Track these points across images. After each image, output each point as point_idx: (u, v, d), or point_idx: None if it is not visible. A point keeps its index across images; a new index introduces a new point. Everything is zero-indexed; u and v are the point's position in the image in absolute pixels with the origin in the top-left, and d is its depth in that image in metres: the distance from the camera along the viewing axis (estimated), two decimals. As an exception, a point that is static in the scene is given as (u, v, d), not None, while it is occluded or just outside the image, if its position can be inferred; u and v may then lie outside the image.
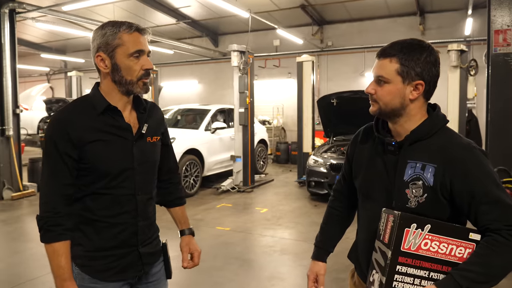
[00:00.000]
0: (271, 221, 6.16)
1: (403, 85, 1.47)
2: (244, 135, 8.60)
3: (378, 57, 1.53)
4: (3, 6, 7.70)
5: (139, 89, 1.64)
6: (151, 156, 1.78)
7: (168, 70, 16.04)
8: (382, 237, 1.45)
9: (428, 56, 1.47)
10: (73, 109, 1.64)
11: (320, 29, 13.11)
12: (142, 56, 1.62)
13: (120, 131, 1.65)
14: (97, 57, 1.61)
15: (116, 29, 1.58)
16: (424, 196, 1.44)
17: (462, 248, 1.40)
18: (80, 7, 9.26)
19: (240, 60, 8.38)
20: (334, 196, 1.92)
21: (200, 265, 2.09)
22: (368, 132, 1.68)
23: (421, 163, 1.46)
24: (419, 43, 1.50)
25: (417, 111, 1.52)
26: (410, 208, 1.45)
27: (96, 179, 1.62)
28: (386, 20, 12.14)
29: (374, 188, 1.59)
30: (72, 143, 1.56)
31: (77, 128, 1.57)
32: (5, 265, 4.36)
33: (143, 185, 1.73)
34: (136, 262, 1.74)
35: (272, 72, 14.14)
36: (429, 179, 1.43)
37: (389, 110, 1.50)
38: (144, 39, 1.63)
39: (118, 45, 1.58)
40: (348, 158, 1.78)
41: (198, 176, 8.07)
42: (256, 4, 11.58)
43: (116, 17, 12.57)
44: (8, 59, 7.76)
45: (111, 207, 1.65)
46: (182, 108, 10.05)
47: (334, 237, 1.88)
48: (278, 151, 12.92)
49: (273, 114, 13.98)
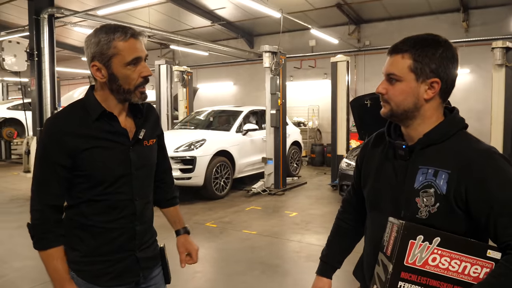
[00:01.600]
0: (300, 226, 6.00)
1: (417, 83, 1.32)
2: (275, 137, 8.48)
3: (390, 53, 1.38)
4: (43, 11, 7.92)
5: (137, 98, 1.59)
6: (149, 160, 1.74)
7: (204, 72, 16.15)
8: (385, 248, 1.29)
9: (444, 52, 1.32)
10: (68, 115, 1.60)
11: (357, 28, 12.77)
12: (139, 63, 1.56)
13: (116, 136, 1.60)
14: (93, 66, 1.55)
15: (110, 36, 1.51)
16: (436, 205, 1.28)
17: (478, 266, 1.22)
18: (114, 11, 9.46)
19: (272, 61, 8.27)
20: (343, 207, 1.77)
21: (222, 269, 2.04)
22: (381, 137, 1.53)
23: (433, 169, 1.30)
24: (434, 37, 1.34)
25: (433, 113, 1.36)
26: (421, 219, 1.29)
27: (93, 186, 1.58)
28: (427, 18, 11.65)
29: (383, 196, 1.44)
30: (65, 152, 1.52)
31: (72, 136, 1.53)
32: (37, 262, 4.45)
33: (141, 190, 1.69)
34: (134, 267, 1.69)
35: (308, 72, 13.92)
36: (441, 186, 1.27)
37: (402, 111, 1.35)
38: (140, 43, 1.56)
39: (114, 55, 1.52)
40: (358, 165, 1.62)
41: (229, 178, 8.01)
42: (291, 4, 11.44)
43: (152, 21, 12.80)
44: (47, 62, 7.98)
45: (108, 212, 1.61)
46: (215, 110, 10.05)
47: (342, 251, 1.72)
48: (313, 153, 12.71)
49: (308, 115, 13.76)
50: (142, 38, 1.57)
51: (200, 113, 10.22)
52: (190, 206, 7.18)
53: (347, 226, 1.72)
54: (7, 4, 12.60)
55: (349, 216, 1.72)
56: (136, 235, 1.68)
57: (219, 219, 6.34)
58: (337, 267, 1.72)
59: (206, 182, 7.46)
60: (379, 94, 1.39)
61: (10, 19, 14.03)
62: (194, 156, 7.33)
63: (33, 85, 7.99)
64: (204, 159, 7.46)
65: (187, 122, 9.96)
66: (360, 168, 1.59)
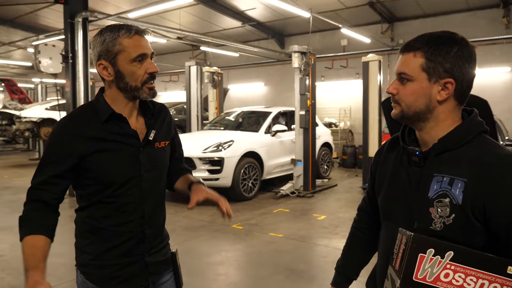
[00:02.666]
0: (328, 229, 5.88)
1: (429, 84, 1.23)
2: (305, 138, 8.37)
3: (402, 51, 1.29)
4: (77, 15, 8.12)
5: (145, 94, 1.58)
6: (160, 162, 1.71)
7: (235, 73, 16.18)
8: (394, 262, 1.20)
9: (460, 50, 1.21)
10: (78, 117, 1.60)
11: (390, 26, 12.46)
12: (145, 59, 1.55)
13: (125, 138, 1.59)
14: (99, 65, 1.56)
15: (115, 34, 1.52)
16: (451, 216, 1.18)
17: (497, 284, 1.10)
18: (145, 13, 9.59)
19: (301, 61, 8.17)
20: (358, 215, 1.68)
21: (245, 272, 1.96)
22: (396, 141, 1.43)
23: (449, 177, 1.20)
24: (450, 35, 1.24)
25: (447, 116, 1.26)
26: (435, 230, 1.20)
27: (102, 188, 1.57)
28: (464, 14, 11.22)
29: (396, 205, 1.35)
30: (71, 154, 1.52)
31: (81, 138, 1.53)
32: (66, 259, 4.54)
33: (151, 192, 1.66)
34: (142, 271, 1.67)
35: (339, 72, 13.70)
36: (457, 196, 1.17)
37: (412, 113, 1.27)
38: (145, 41, 1.56)
39: (119, 51, 1.52)
40: (372, 171, 1.53)
41: (257, 179, 7.97)
42: (322, 4, 11.29)
43: (183, 22, 12.94)
44: (81, 64, 8.18)
45: (117, 215, 1.60)
46: (244, 111, 10.04)
47: (357, 262, 1.64)
48: (344, 155, 12.51)
49: (339, 116, 13.54)
50: (147, 35, 1.57)
51: (230, 114, 10.23)
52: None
53: (363, 236, 1.63)
54: (46, 9, 13.07)
55: (364, 225, 1.63)
56: (145, 239, 1.65)
57: (246, 221, 6.30)
58: (353, 279, 1.64)
59: (234, 183, 7.45)
60: (390, 95, 1.30)
61: (49, 23, 14.51)
62: (222, 157, 7.33)
63: (68, 86, 8.22)
64: (232, 160, 7.44)
65: (216, 122, 9.99)
66: (374, 175, 1.50)
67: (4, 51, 17.74)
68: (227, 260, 4.72)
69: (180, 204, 7.44)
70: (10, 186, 9.30)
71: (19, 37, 14.99)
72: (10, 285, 4.08)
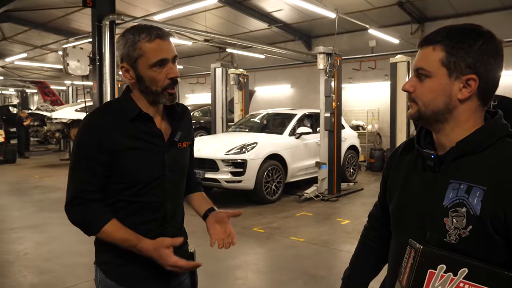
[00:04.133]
0: (351, 235, 5.72)
1: (449, 80, 1.11)
2: (330, 141, 8.22)
3: (420, 45, 1.18)
4: (104, 18, 8.25)
5: (165, 99, 1.57)
6: (182, 162, 1.74)
7: (262, 75, 16.13)
8: (402, 276, 1.09)
9: (484, 44, 1.09)
10: (105, 114, 1.59)
11: (420, 27, 12.13)
12: (166, 64, 1.53)
13: (152, 137, 1.59)
14: (122, 68, 1.56)
15: (136, 38, 1.51)
16: (468, 228, 1.05)
17: None
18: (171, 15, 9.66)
19: (326, 62, 8.03)
20: (369, 222, 1.57)
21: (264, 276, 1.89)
22: (411, 144, 1.32)
23: (467, 185, 1.08)
24: (473, 27, 1.12)
25: (468, 116, 1.14)
26: (449, 243, 1.08)
27: (128, 187, 1.57)
28: (499, 14, 10.79)
29: (408, 213, 1.23)
30: (103, 149, 1.51)
31: (110, 135, 1.52)
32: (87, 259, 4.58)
33: (173, 192, 1.67)
34: (162, 270, 1.61)
35: (367, 74, 13.45)
36: (475, 206, 1.05)
37: (430, 112, 1.15)
38: (167, 44, 1.53)
39: (139, 56, 1.51)
40: (384, 176, 1.42)
41: (281, 182, 7.87)
42: (349, 4, 11.11)
43: (209, 24, 12.98)
44: (108, 66, 8.29)
45: (140, 214, 1.60)
46: (269, 113, 9.97)
47: (366, 273, 1.52)
48: (372, 158, 12.23)
49: (367, 118, 13.28)
50: (170, 39, 1.54)
51: (255, 115, 10.18)
52: (239, 210, 7.10)
53: (372, 245, 1.52)
54: (77, 13, 13.39)
55: (374, 233, 1.52)
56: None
57: (267, 224, 6.21)
58: None
59: (256, 186, 7.37)
60: (407, 92, 1.19)
61: (80, 27, 14.86)
62: (245, 159, 7.27)
63: (95, 88, 8.36)
64: (255, 162, 7.37)
65: (241, 124, 9.95)
66: (386, 180, 1.38)
67: (38, 54, 18.33)
68: (246, 263, 4.64)
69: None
70: (39, 186, 9.54)
71: (51, 40, 15.43)
72: (31, 283, 4.13)
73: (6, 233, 5.75)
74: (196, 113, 12.91)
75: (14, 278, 4.24)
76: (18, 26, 14.85)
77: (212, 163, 7.24)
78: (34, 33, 15.68)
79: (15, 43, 17.33)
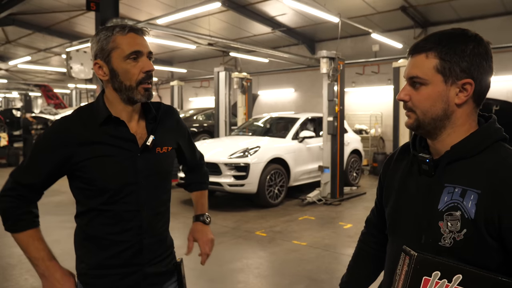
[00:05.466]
0: (353, 238, 5.70)
1: (446, 86, 1.12)
2: (333, 145, 8.20)
3: (411, 53, 1.18)
4: (108, 22, 8.26)
5: (140, 95, 1.51)
6: (161, 168, 1.63)
7: (265, 79, 16.16)
8: (397, 283, 1.07)
9: (476, 47, 1.11)
10: (75, 118, 1.54)
11: (423, 31, 12.12)
12: (140, 57, 1.49)
13: (123, 142, 1.53)
14: (95, 65, 1.53)
15: (110, 32, 1.49)
16: (462, 232, 1.05)
17: None
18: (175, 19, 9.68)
19: (329, 66, 8.03)
20: (366, 227, 1.57)
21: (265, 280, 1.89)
22: (406, 149, 1.33)
23: (461, 188, 1.08)
24: (462, 31, 1.14)
25: (465, 120, 1.15)
26: (444, 247, 1.08)
27: (97, 194, 1.51)
28: (502, 19, 10.76)
29: (403, 218, 1.23)
30: (62, 153, 1.48)
31: (76, 139, 1.48)
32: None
33: (150, 200, 1.59)
34: (141, 283, 1.59)
35: (370, 78, 13.44)
36: (469, 209, 1.05)
37: (429, 120, 1.15)
38: (141, 39, 1.51)
39: (113, 49, 1.48)
40: (380, 180, 1.42)
41: (283, 186, 7.85)
42: (353, 9, 11.12)
43: (213, 28, 13.02)
44: (111, 70, 8.34)
45: (113, 224, 1.54)
46: (272, 116, 9.97)
47: (363, 279, 1.51)
48: (375, 162, 12.21)
49: (370, 123, 13.26)
50: (144, 35, 1.53)
51: (258, 119, 10.18)
52: (242, 213, 7.10)
53: (369, 250, 1.51)
54: (81, 16, 13.45)
55: (372, 238, 1.51)
56: (143, 249, 1.58)
57: (270, 228, 6.20)
58: None
59: (259, 190, 7.36)
60: (402, 102, 1.20)
61: (84, 30, 14.94)
62: (247, 163, 7.26)
63: (98, 91, 8.39)
64: (258, 166, 7.37)
65: (244, 128, 9.96)
66: (383, 185, 1.38)
67: (42, 58, 18.40)
68: (248, 267, 4.63)
69: (205, 209, 7.42)
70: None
71: (55, 43, 15.49)
72: (33, 286, 4.13)
73: (8, 237, 5.70)
74: (199, 117, 12.92)
75: (16, 281, 4.24)
76: (22, 30, 14.92)
77: (215, 166, 7.24)
78: (38, 37, 15.75)
79: (19, 47, 17.43)
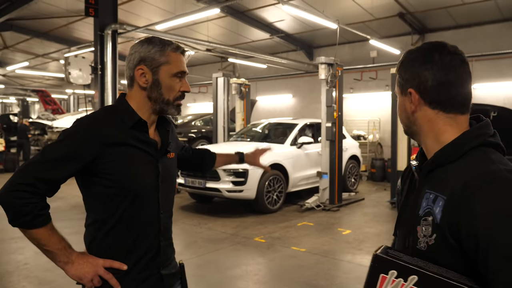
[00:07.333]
0: (352, 245, 5.69)
1: (402, 97, 1.26)
2: (331, 151, 8.21)
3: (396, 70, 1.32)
4: (107, 27, 8.29)
5: (173, 110, 1.61)
6: (174, 172, 1.76)
7: (264, 84, 16.18)
8: None
9: (413, 54, 1.20)
10: (106, 119, 1.53)
11: (421, 37, 12.18)
12: (183, 77, 1.61)
13: (147, 146, 1.58)
14: (138, 70, 1.55)
15: (164, 46, 1.56)
16: (433, 236, 1.08)
17: None
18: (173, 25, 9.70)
19: (327, 72, 8.05)
20: None
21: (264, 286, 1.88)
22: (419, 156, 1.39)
23: (434, 194, 1.11)
24: (417, 47, 1.22)
25: (430, 127, 1.19)
26: (420, 250, 1.11)
27: (120, 197, 1.52)
28: (499, 25, 10.82)
29: (400, 222, 1.31)
30: (93, 155, 1.46)
31: (107, 141, 1.48)
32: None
33: (166, 203, 1.66)
34: (157, 285, 1.63)
35: (369, 84, 13.47)
36: (437, 214, 1.08)
37: (404, 127, 1.30)
38: (185, 61, 1.63)
39: (164, 63, 1.55)
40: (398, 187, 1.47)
41: (282, 192, 7.84)
42: (351, 15, 11.17)
43: (211, 34, 13.06)
44: (110, 76, 8.31)
45: (136, 228, 1.56)
46: (271, 122, 9.98)
47: None
48: (373, 168, 12.23)
49: (368, 128, 13.28)
50: (187, 58, 1.65)
51: (256, 125, 10.19)
52: (241, 219, 7.09)
53: None
54: (79, 22, 13.47)
55: None
56: (160, 252, 1.62)
57: (268, 234, 6.18)
58: None
59: (258, 196, 7.35)
60: None
61: (82, 36, 14.94)
62: (246, 168, 7.26)
63: (96, 97, 8.37)
64: (257, 172, 7.36)
65: (243, 134, 9.96)
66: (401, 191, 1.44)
67: (40, 63, 18.40)
68: (247, 273, 4.61)
69: (203, 215, 7.41)
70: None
71: (53, 49, 15.49)
72: (31, 293, 4.10)
73: (6, 243, 5.71)
74: (197, 122, 12.92)
75: None
76: (19, 35, 14.92)
77: (213, 172, 7.22)
78: (36, 42, 15.75)
79: (17, 52, 17.41)
